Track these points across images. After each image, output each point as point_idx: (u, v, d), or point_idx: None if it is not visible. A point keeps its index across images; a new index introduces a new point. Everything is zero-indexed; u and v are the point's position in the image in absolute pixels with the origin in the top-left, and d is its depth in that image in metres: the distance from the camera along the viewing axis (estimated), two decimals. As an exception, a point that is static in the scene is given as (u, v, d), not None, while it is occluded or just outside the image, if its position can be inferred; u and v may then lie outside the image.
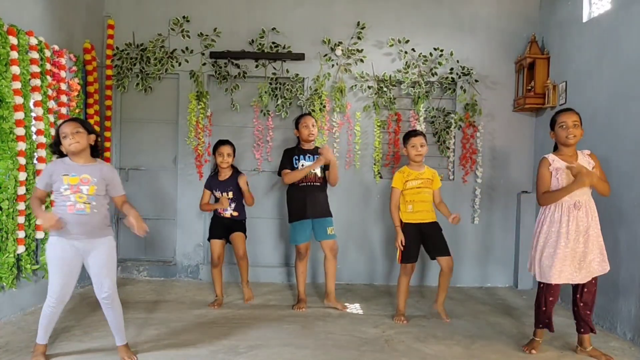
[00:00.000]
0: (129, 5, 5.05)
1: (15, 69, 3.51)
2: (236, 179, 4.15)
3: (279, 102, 4.99)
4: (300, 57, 4.97)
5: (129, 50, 5.01)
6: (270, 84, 5.01)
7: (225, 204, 4.12)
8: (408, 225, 3.83)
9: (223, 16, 5.03)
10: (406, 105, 5.11)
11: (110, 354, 3.01)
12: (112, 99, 4.99)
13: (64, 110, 4.13)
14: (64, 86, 4.13)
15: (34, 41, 3.74)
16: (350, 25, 5.00)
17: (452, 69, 4.99)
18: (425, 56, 4.97)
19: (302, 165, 4.08)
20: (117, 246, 3.04)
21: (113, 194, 2.94)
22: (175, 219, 5.09)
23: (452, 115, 5.02)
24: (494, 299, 4.60)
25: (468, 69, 4.97)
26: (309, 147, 4.16)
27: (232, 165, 4.22)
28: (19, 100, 3.53)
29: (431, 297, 4.52)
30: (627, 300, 3.52)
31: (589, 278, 3.09)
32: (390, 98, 4.98)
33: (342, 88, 4.94)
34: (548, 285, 3.13)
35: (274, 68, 5.03)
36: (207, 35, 5.00)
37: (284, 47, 4.97)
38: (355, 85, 4.98)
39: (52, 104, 3.97)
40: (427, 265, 4.90)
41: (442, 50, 4.97)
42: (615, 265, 3.51)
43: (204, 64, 5.01)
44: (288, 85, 4.99)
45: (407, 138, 3.88)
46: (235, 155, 4.24)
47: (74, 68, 4.38)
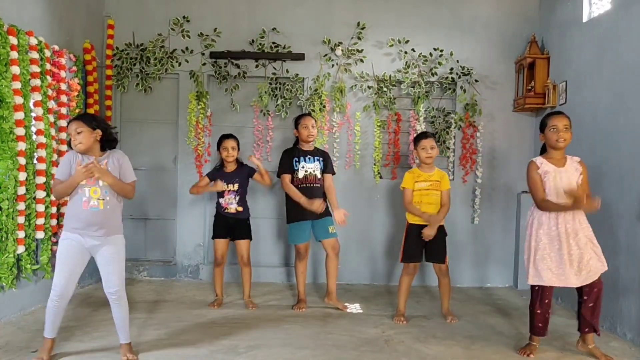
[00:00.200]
0: (129, 5, 5.05)
1: (15, 69, 3.51)
2: (242, 172, 4.15)
3: (279, 102, 4.99)
4: (300, 57, 4.97)
5: (129, 50, 5.01)
6: (270, 84, 5.01)
7: (219, 187, 4.08)
8: (413, 226, 3.84)
9: (223, 16, 5.03)
10: (406, 105, 5.11)
11: (110, 354, 3.01)
12: (112, 99, 4.99)
13: (64, 110, 4.13)
14: (64, 86, 4.13)
15: (34, 41, 3.74)
16: (350, 25, 5.00)
17: (452, 69, 4.99)
18: (425, 56, 4.97)
19: (302, 166, 4.08)
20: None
21: (123, 179, 2.94)
22: (176, 219, 5.09)
23: (452, 115, 5.02)
24: (494, 299, 4.60)
25: (468, 69, 4.97)
26: (308, 148, 4.15)
27: (238, 159, 4.22)
28: (19, 100, 3.53)
29: (431, 298, 4.53)
30: (627, 301, 3.52)
31: (593, 277, 3.06)
32: (390, 98, 4.98)
33: (342, 88, 4.94)
34: (541, 287, 3.12)
35: (274, 68, 5.03)
36: (207, 35, 5.00)
37: (284, 47, 4.97)
38: (355, 85, 4.98)
39: (52, 104, 3.97)
40: (427, 265, 4.87)
41: (442, 50, 4.97)
42: (615, 266, 3.51)
43: (204, 64, 5.01)
44: (288, 85, 4.99)
45: (417, 140, 3.87)
46: (239, 148, 4.22)
47: (74, 68, 4.38)
